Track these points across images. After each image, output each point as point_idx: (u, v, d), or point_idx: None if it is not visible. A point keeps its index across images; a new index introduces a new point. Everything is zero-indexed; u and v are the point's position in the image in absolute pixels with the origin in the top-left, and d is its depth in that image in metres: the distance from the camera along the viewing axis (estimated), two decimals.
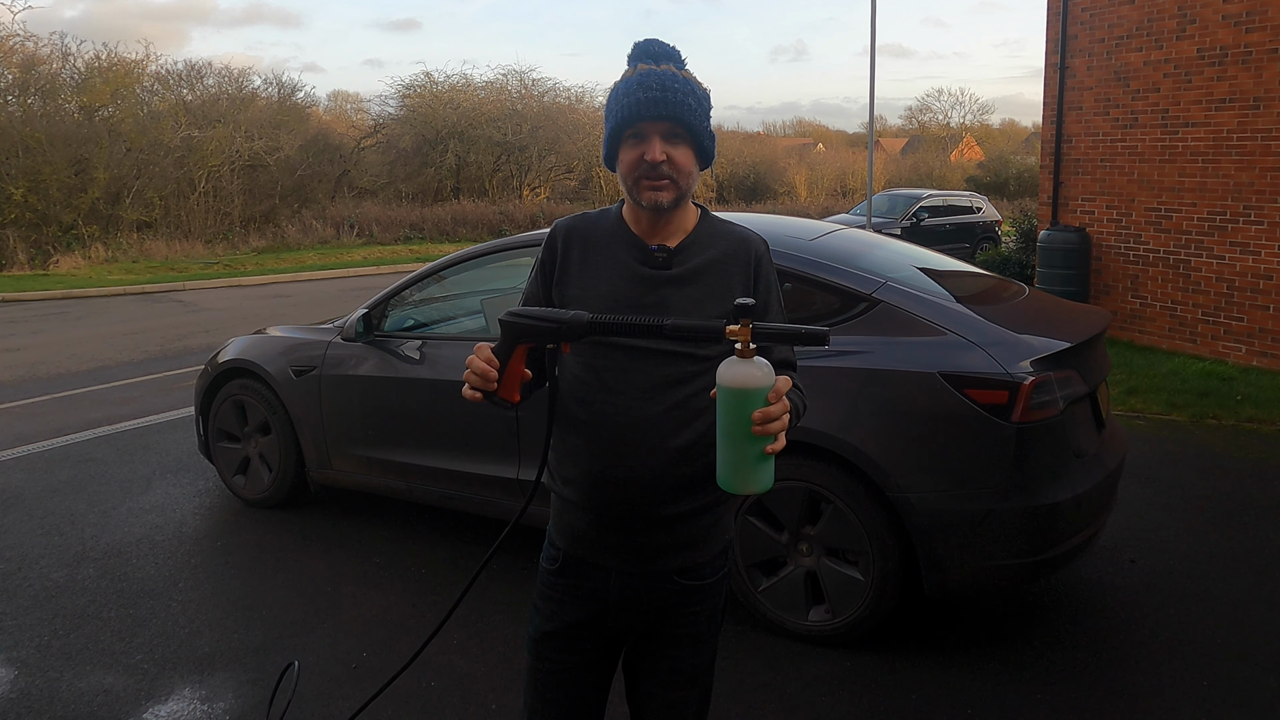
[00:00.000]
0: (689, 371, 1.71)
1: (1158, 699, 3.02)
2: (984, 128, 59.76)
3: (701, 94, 1.72)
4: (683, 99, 1.68)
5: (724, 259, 1.78)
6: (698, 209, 1.84)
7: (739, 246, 1.80)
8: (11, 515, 4.88)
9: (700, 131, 1.71)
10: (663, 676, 1.79)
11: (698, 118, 1.70)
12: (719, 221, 1.84)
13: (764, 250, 1.83)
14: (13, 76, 22.74)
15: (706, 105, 1.73)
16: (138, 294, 15.14)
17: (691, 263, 1.76)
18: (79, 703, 3.11)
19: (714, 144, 1.76)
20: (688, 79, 1.72)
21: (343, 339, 4.49)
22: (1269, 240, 7.72)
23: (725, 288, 1.76)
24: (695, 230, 1.79)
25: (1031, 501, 3.10)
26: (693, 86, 1.71)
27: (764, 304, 1.80)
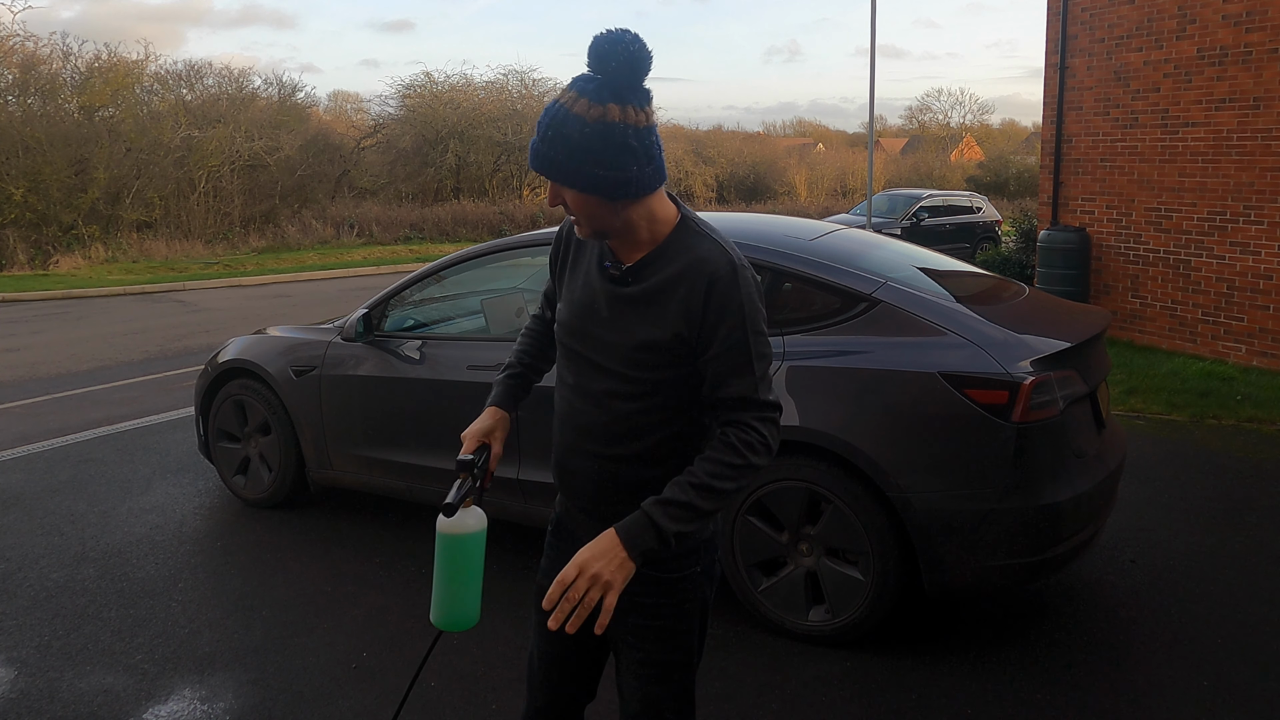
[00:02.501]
0: (627, 391, 1.72)
1: (1158, 699, 3.02)
2: (984, 128, 59.79)
3: (578, 136, 1.58)
4: (550, 152, 1.60)
5: (675, 280, 1.68)
6: (679, 217, 1.73)
7: (694, 269, 1.66)
8: (11, 515, 4.88)
9: (572, 179, 1.61)
10: (635, 669, 1.81)
11: (564, 170, 1.60)
12: (693, 236, 1.71)
13: (725, 273, 1.65)
14: (13, 76, 22.73)
15: (584, 144, 1.58)
16: (138, 294, 15.14)
17: (648, 281, 1.70)
18: (79, 703, 3.11)
19: (615, 173, 1.60)
20: (573, 120, 1.58)
21: (343, 339, 4.49)
22: (1269, 240, 7.72)
23: (664, 311, 1.68)
24: (662, 245, 1.70)
25: (1031, 501, 3.10)
26: (565, 132, 1.58)
27: (709, 335, 1.65)
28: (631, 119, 1.59)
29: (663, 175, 1.68)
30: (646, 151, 1.62)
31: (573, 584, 1.57)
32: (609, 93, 1.58)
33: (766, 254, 3.61)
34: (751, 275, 1.70)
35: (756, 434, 1.65)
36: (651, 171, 1.64)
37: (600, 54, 1.58)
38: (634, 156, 1.60)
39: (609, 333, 1.73)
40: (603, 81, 1.59)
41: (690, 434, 1.77)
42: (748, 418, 1.66)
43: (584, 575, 1.57)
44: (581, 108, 1.58)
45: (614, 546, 1.59)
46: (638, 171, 1.62)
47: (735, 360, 1.65)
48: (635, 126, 1.60)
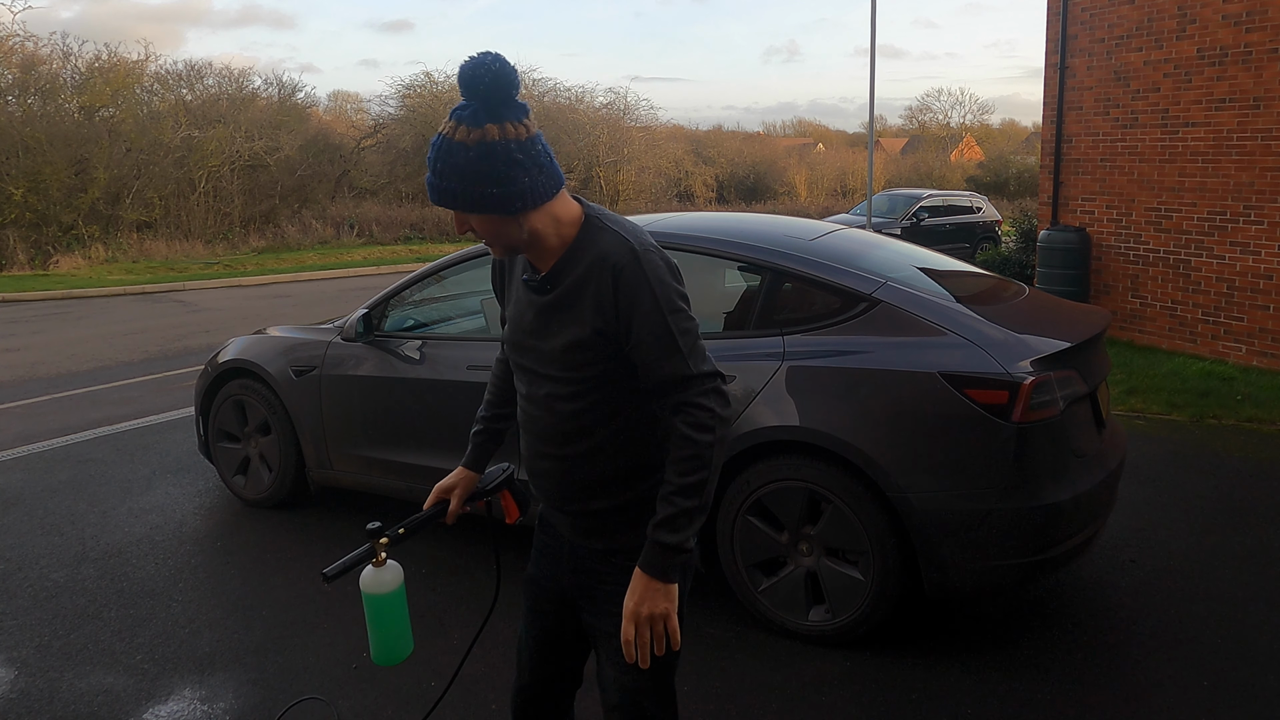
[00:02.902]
0: (567, 392, 1.78)
1: (1158, 698, 3.02)
2: (984, 128, 59.77)
3: (464, 161, 1.62)
4: (443, 183, 1.64)
5: (584, 279, 1.72)
6: (584, 217, 1.75)
7: (598, 264, 1.70)
8: (11, 515, 4.88)
9: (469, 203, 1.64)
10: (614, 657, 1.86)
11: (460, 197, 1.64)
12: (597, 232, 1.73)
13: (627, 261, 1.68)
14: (13, 76, 22.75)
15: (472, 168, 1.62)
16: (138, 294, 15.14)
17: (564, 284, 1.74)
18: (79, 703, 3.11)
19: (507, 189, 1.63)
20: (456, 148, 1.62)
21: (343, 339, 4.49)
22: (1269, 240, 7.72)
23: (581, 311, 1.72)
24: (571, 247, 1.74)
25: (1031, 501, 3.10)
26: (453, 161, 1.62)
27: (627, 324, 1.69)
28: (511, 134, 1.63)
29: (558, 180, 1.71)
30: (534, 161, 1.66)
31: (638, 634, 1.71)
32: (485, 114, 1.62)
33: (766, 254, 3.61)
34: (658, 257, 1.72)
35: (701, 411, 1.68)
36: (544, 179, 1.68)
37: (468, 81, 1.62)
38: (522, 169, 1.64)
39: (540, 340, 1.79)
40: (477, 106, 1.63)
41: (638, 424, 1.80)
42: (689, 396, 1.69)
43: (641, 621, 1.70)
44: (462, 134, 1.62)
45: (649, 585, 1.70)
46: (529, 182, 1.65)
47: (659, 344, 1.68)
48: (517, 140, 1.64)
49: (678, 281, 1.73)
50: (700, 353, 1.71)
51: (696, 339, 1.72)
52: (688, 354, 1.69)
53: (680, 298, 1.72)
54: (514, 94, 1.64)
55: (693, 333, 1.71)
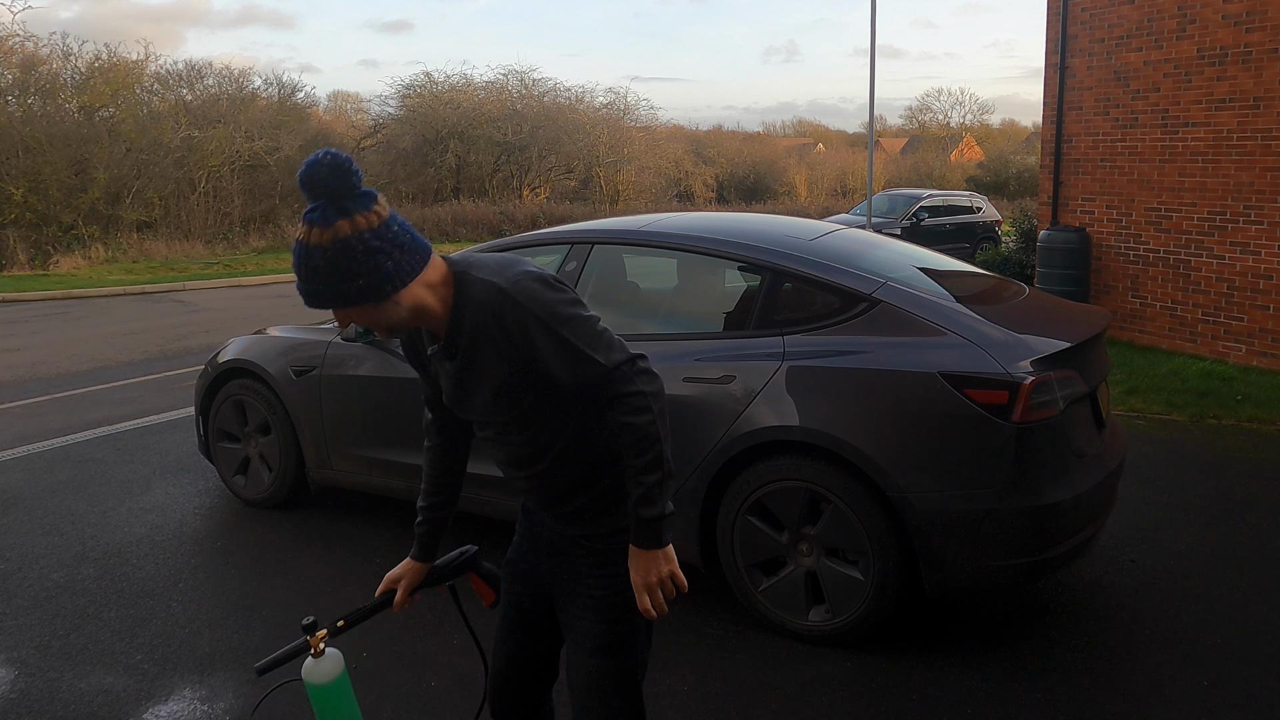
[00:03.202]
0: (514, 427, 1.85)
1: (1158, 698, 3.02)
2: (984, 128, 59.79)
3: (324, 263, 1.63)
4: (312, 287, 1.65)
5: (474, 334, 1.76)
6: (453, 275, 1.77)
7: (479, 316, 1.74)
8: (11, 515, 4.88)
9: (341, 300, 1.66)
10: (578, 639, 1.93)
11: (331, 296, 1.66)
12: (466, 287, 1.76)
13: (500, 301, 1.72)
14: (13, 76, 22.74)
15: (334, 267, 1.63)
16: (138, 294, 15.14)
17: (462, 345, 1.79)
18: (79, 703, 3.11)
19: (373, 277, 1.65)
20: (314, 251, 1.63)
21: (343, 339, 4.49)
22: (1269, 240, 7.72)
23: (488, 362, 1.77)
24: (454, 308, 1.77)
25: (1031, 501, 3.10)
26: (314, 265, 1.63)
27: (531, 352, 1.73)
28: (363, 225, 1.64)
29: (423, 251, 1.72)
30: (392, 244, 1.67)
31: (651, 597, 1.79)
32: (333, 213, 1.63)
33: (766, 254, 3.61)
34: (527, 280, 1.74)
35: (630, 397, 1.74)
36: (407, 258, 1.69)
37: (307, 184, 1.63)
38: (382, 254, 1.65)
39: (470, 399, 1.86)
40: (324, 205, 1.64)
41: (592, 429, 1.87)
42: (615, 389, 1.74)
43: (651, 588, 1.79)
44: (316, 236, 1.63)
45: (647, 555, 1.78)
46: (392, 266, 1.67)
47: (566, 357, 1.73)
48: (370, 229, 1.65)
49: (557, 290, 1.76)
50: (608, 344, 1.75)
51: (599, 334, 1.76)
52: (595, 352, 1.73)
53: (566, 304, 1.75)
54: (356, 185, 1.65)
55: (592, 330, 1.75)
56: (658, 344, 3.65)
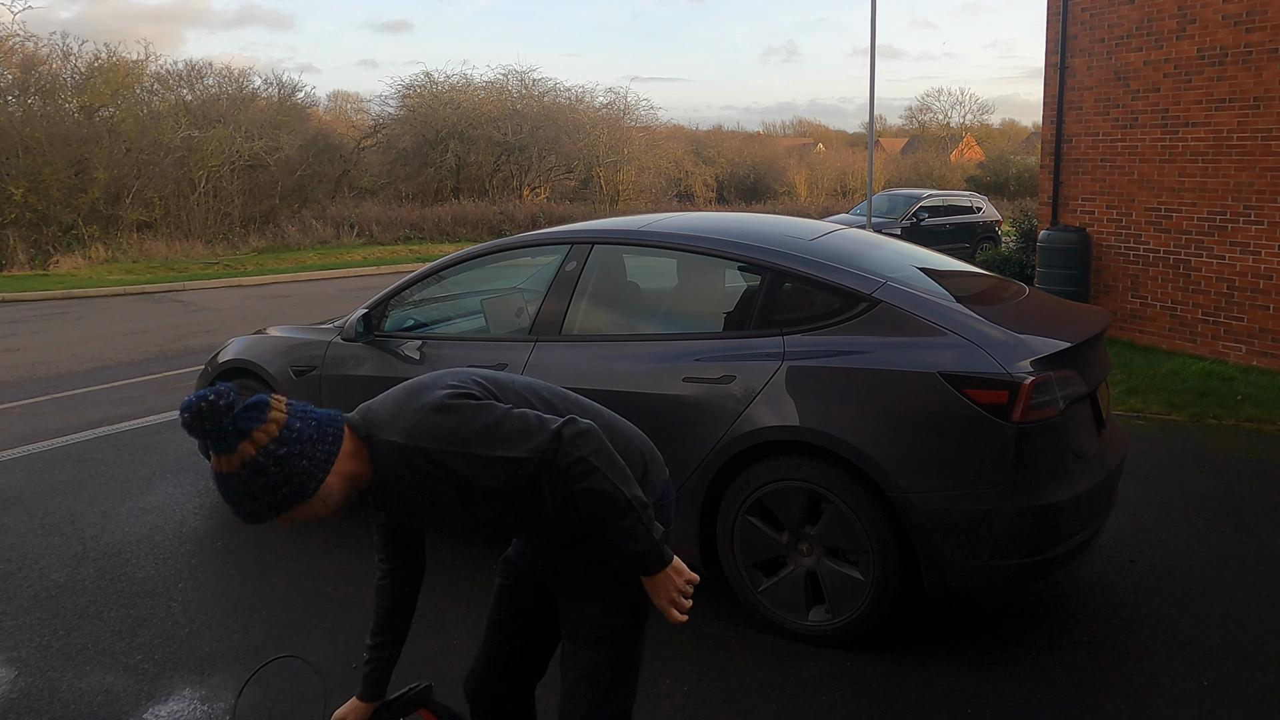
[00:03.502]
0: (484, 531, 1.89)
1: (1158, 698, 3.02)
2: (984, 128, 59.79)
3: (243, 485, 1.64)
4: (246, 508, 1.66)
5: (404, 486, 1.77)
6: (363, 446, 1.77)
7: (397, 472, 1.75)
8: (11, 515, 4.88)
9: (275, 510, 1.67)
10: (578, 634, 1.96)
11: (265, 509, 1.66)
12: (377, 451, 1.77)
13: (406, 455, 1.73)
14: (13, 76, 22.74)
15: (253, 487, 1.64)
16: (138, 294, 15.14)
17: (396, 496, 1.81)
18: (79, 703, 3.11)
19: (294, 480, 1.66)
20: (230, 479, 1.64)
21: (343, 339, 4.49)
22: (1269, 240, 7.72)
23: (432, 501, 1.79)
24: (374, 471, 1.78)
25: (1031, 501, 3.10)
26: (235, 489, 1.64)
27: (460, 482, 1.75)
28: (264, 440, 1.64)
29: (333, 430, 1.72)
30: (299, 442, 1.67)
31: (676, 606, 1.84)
32: (232, 438, 1.63)
33: (766, 254, 3.61)
34: (420, 418, 1.73)
35: (573, 469, 1.74)
36: (318, 449, 1.69)
37: (193, 425, 1.60)
38: (292, 458, 1.66)
39: (429, 523, 1.91)
40: (212, 435, 1.62)
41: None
42: (556, 469, 1.75)
43: (672, 600, 1.82)
44: (226, 465, 1.64)
45: (657, 579, 1.82)
46: (307, 464, 1.67)
47: (493, 468, 1.74)
48: (273, 439, 1.64)
49: (454, 409, 1.75)
50: (524, 432, 1.75)
51: (513, 427, 1.75)
52: (516, 450, 1.74)
53: (466, 421, 1.74)
54: (237, 408, 1.63)
55: (504, 430, 1.75)
56: (658, 344, 3.65)
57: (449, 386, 1.80)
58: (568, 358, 3.79)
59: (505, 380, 1.93)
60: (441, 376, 1.85)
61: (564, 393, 2.02)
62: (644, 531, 1.78)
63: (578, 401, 2.03)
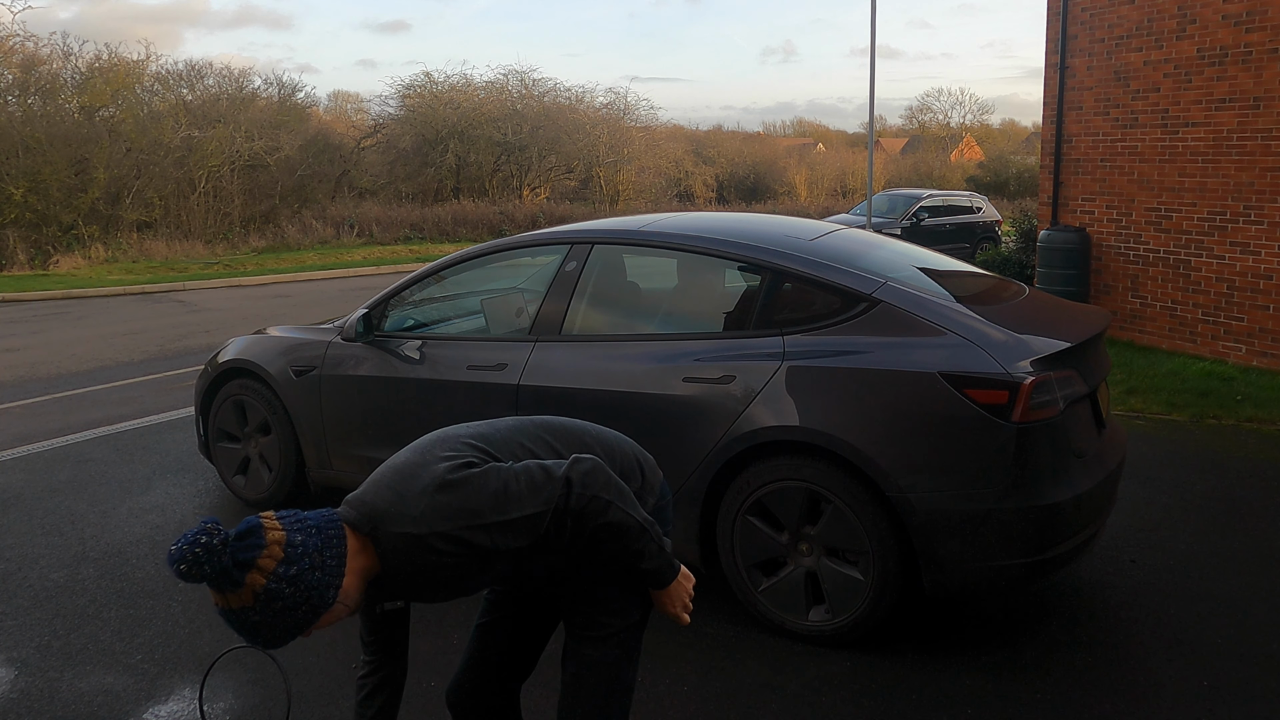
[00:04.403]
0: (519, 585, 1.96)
1: (1158, 698, 3.02)
2: (984, 128, 59.80)
3: (261, 618, 1.57)
4: (268, 637, 1.60)
5: (426, 573, 1.73)
6: (369, 542, 1.72)
7: (418, 560, 1.71)
8: (11, 515, 4.88)
9: (292, 632, 1.62)
10: (576, 628, 1.97)
11: (284, 634, 1.61)
12: (387, 545, 1.72)
13: (426, 542, 1.69)
14: (13, 76, 22.74)
15: (275, 616, 1.58)
16: (138, 294, 15.14)
17: (418, 586, 1.77)
18: (79, 703, 3.11)
19: (311, 596, 1.60)
20: (244, 614, 1.57)
21: (343, 339, 4.49)
22: (1269, 240, 7.72)
23: (456, 579, 1.77)
24: (382, 563, 1.73)
25: (1031, 501, 3.10)
26: (252, 621, 1.57)
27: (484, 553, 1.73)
28: (270, 567, 1.57)
29: (336, 535, 1.66)
30: (306, 555, 1.61)
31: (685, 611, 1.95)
32: (236, 572, 1.55)
33: (766, 254, 3.61)
34: (432, 503, 1.70)
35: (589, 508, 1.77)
36: (327, 556, 1.64)
37: (193, 574, 1.52)
38: (305, 573, 1.60)
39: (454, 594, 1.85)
40: (216, 577, 1.55)
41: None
42: (573, 514, 1.78)
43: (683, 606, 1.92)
44: (237, 601, 1.56)
45: (666, 592, 1.91)
46: (319, 575, 1.61)
47: (513, 531, 1.74)
48: (280, 562, 1.58)
49: (460, 485, 1.72)
50: (533, 486, 1.75)
51: (519, 485, 1.75)
52: (531, 507, 1.74)
53: (475, 495, 1.72)
54: (233, 540, 1.56)
55: (511, 493, 1.74)
56: (657, 344, 3.65)
57: (445, 459, 1.76)
58: (567, 358, 3.79)
59: (493, 432, 1.90)
60: (431, 448, 1.80)
61: (553, 423, 2.02)
62: (656, 549, 1.83)
63: (566, 428, 2.01)
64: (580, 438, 2.00)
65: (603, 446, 2.00)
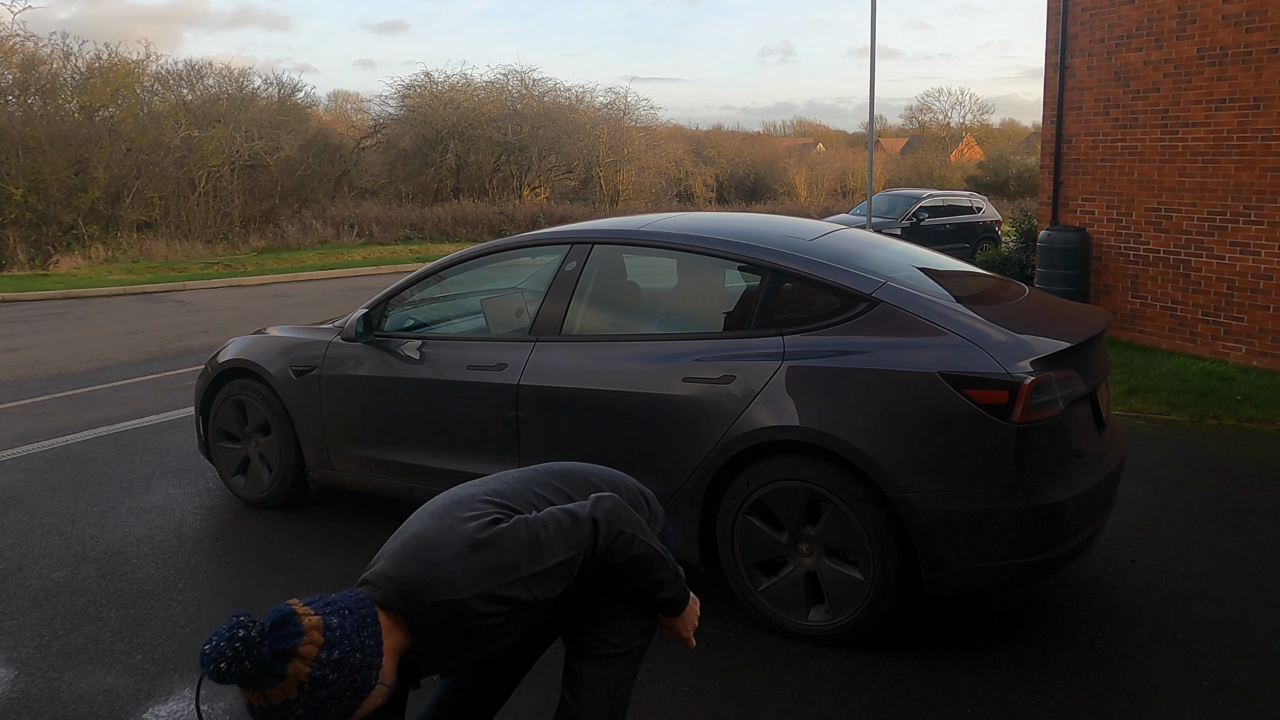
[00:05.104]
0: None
1: (1158, 698, 3.02)
2: (984, 128, 59.79)
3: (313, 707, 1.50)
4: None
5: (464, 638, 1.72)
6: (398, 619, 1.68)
7: (462, 624, 1.69)
8: (11, 515, 4.88)
9: (350, 711, 1.55)
10: (580, 648, 1.97)
11: (338, 714, 1.53)
12: (426, 617, 1.68)
13: (473, 606, 1.67)
14: (13, 76, 22.73)
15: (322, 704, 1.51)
16: (138, 294, 15.14)
17: (456, 655, 1.76)
18: (79, 703, 3.11)
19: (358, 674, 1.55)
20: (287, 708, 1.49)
21: (343, 339, 4.49)
22: (1269, 240, 7.72)
23: (491, 639, 1.77)
24: (414, 638, 1.70)
25: (1031, 501, 3.10)
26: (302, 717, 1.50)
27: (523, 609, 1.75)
28: (311, 653, 1.50)
29: (367, 614, 1.61)
30: (346, 639, 1.55)
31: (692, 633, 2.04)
32: (277, 664, 1.46)
33: (766, 254, 3.61)
34: (470, 566, 1.69)
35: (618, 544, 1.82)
36: (365, 636, 1.58)
37: (233, 672, 1.43)
38: (347, 659, 1.54)
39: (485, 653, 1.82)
40: (257, 673, 1.45)
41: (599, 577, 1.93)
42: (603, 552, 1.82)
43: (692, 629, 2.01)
44: (279, 695, 1.48)
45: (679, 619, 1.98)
46: (362, 656, 1.56)
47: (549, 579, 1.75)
48: (321, 648, 1.51)
49: (492, 544, 1.71)
50: (563, 530, 1.78)
51: (549, 534, 1.76)
52: (563, 553, 1.76)
53: (509, 550, 1.72)
54: (269, 631, 1.48)
55: (542, 543, 1.75)
56: (657, 344, 3.65)
57: (469, 519, 1.74)
58: (567, 358, 3.79)
59: (504, 486, 1.90)
60: (450, 512, 1.77)
61: (555, 469, 2.03)
62: (673, 576, 1.87)
63: (570, 472, 2.02)
64: (586, 478, 2.01)
65: (608, 484, 2.02)
